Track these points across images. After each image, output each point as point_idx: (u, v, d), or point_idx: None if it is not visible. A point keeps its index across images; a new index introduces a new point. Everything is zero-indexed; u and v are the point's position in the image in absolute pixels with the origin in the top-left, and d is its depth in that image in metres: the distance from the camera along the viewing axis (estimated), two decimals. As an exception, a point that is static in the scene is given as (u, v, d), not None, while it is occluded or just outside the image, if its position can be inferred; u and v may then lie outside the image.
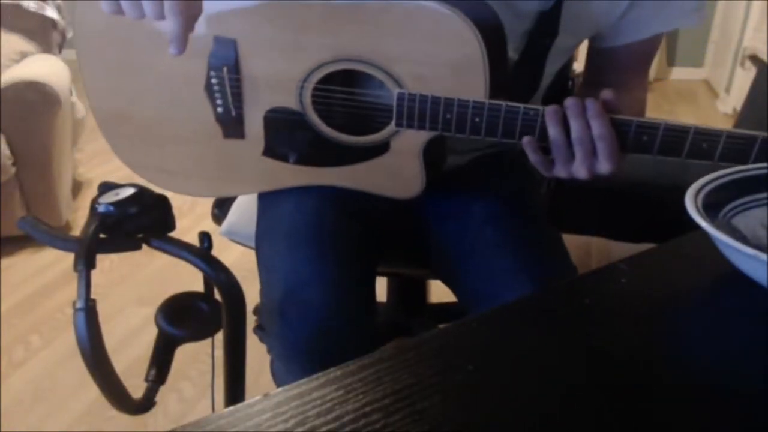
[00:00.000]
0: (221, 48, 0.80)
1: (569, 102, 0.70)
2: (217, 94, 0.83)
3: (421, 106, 0.75)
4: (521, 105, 0.72)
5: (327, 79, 0.79)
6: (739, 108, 1.93)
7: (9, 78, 1.91)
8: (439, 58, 0.74)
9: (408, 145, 0.80)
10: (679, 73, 4.08)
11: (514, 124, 0.73)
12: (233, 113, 0.84)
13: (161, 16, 0.66)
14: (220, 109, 0.84)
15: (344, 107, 0.80)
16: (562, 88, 1.07)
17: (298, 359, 0.79)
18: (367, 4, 0.74)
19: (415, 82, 0.75)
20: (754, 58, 2.73)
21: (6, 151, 1.92)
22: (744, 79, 2.95)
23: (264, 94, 0.82)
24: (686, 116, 3.36)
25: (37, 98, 1.92)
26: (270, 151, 0.85)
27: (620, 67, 0.90)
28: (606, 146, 0.69)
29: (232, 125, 0.85)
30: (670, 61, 4.07)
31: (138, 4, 0.66)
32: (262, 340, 0.84)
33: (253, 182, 0.90)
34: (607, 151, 0.69)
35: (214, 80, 0.82)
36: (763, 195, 0.54)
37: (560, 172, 0.73)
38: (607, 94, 0.70)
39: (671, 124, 0.68)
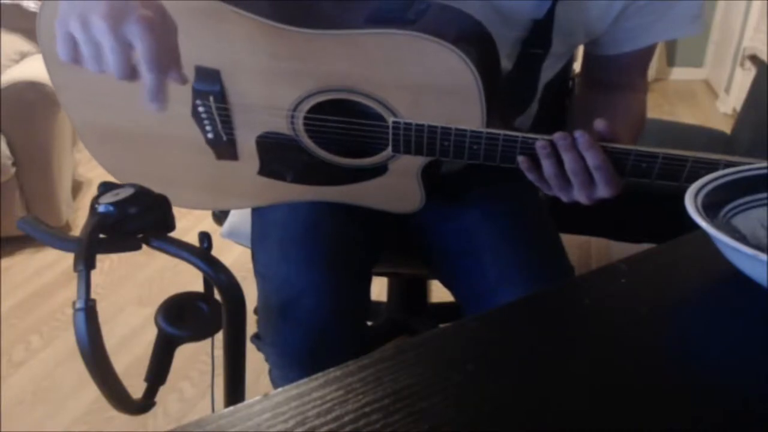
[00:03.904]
0: (205, 78, 0.77)
1: (557, 137, 0.69)
2: (206, 121, 0.81)
3: (417, 135, 0.74)
4: (519, 134, 0.71)
5: (318, 105, 0.77)
6: (739, 108, 1.93)
7: (9, 78, 1.91)
8: (434, 89, 0.72)
9: (406, 166, 0.79)
10: (679, 73, 4.07)
11: (512, 151, 0.72)
12: (224, 138, 0.82)
13: (127, 75, 0.58)
14: (210, 135, 0.82)
15: (338, 134, 0.79)
16: (562, 88, 1.07)
17: (294, 367, 0.79)
18: (355, 36, 0.72)
19: (410, 109, 0.74)
20: (754, 58, 2.73)
21: (6, 151, 1.92)
22: (744, 79, 2.95)
23: (255, 120, 0.80)
24: (686, 116, 3.35)
25: (37, 98, 1.91)
26: (265, 171, 0.84)
27: (618, 70, 0.90)
28: (603, 175, 0.69)
29: (223, 148, 0.83)
30: (670, 61, 4.07)
31: (99, 56, 0.57)
32: (259, 349, 0.84)
33: (249, 198, 0.89)
34: (604, 179, 0.69)
35: (200, 108, 0.80)
36: (763, 195, 0.54)
37: (561, 196, 0.73)
38: (599, 124, 0.69)
39: (670, 153, 0.67)
